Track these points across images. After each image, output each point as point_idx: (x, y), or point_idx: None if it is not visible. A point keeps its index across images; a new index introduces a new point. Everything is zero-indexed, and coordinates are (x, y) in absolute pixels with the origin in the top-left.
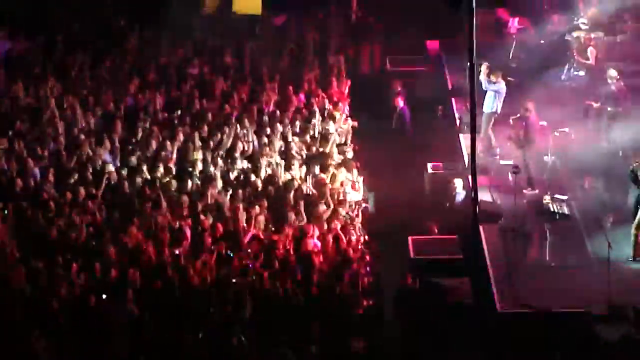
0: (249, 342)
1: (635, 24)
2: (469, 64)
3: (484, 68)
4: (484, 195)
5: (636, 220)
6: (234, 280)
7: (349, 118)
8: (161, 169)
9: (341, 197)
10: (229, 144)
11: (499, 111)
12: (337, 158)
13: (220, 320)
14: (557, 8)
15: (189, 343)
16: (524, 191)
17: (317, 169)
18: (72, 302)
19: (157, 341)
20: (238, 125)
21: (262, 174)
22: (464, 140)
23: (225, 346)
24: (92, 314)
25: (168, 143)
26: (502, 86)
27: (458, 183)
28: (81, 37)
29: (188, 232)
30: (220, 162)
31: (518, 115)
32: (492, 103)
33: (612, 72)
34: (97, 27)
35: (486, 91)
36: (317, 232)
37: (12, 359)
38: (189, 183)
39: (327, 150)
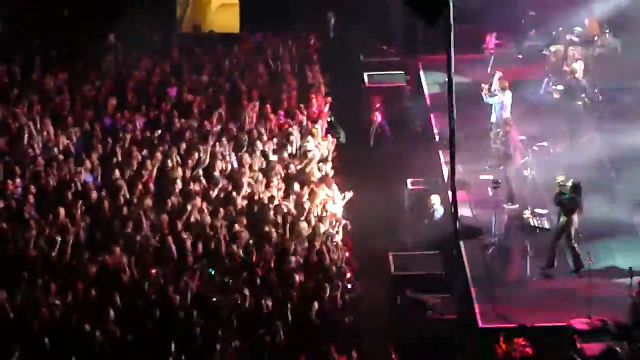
0: None
1: (613, 38)
2: (447, 79)
3: (495, 77)
4: (465, 211)
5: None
6: (214, 299)
7: (328, 134)
8: (140, 188)
9: (321, 214)
10: (207, 162)
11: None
12: (316, 175)
13: (203, 340)
14: (535, 23)
15: None
16: (504, 206)
17: (297, 186)
18: (53, 324)
19: None
20: (217, 144)
21: (242, 192)
22: (444, 155)
23: None
24: (73, 335)
25: (147, 162)
26: (505, 97)
27: (435, 199)
28: (59, 58)
29: (174, 251)
30: (199, 180)
31: (498, 130)
32: (498, 114)
33: (575, 66)
34: (75, 48)
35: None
36: (298, 249)
37: None
38: (169, 202)
39: (307, 168)
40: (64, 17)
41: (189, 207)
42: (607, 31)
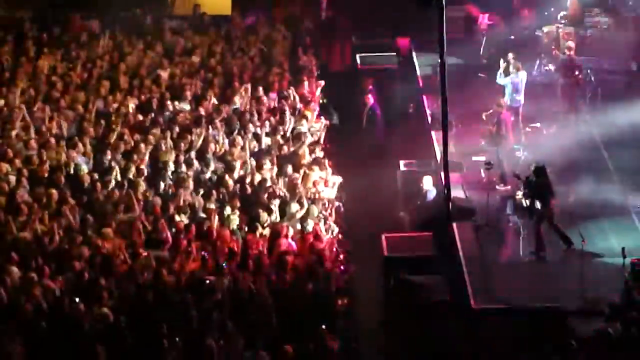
0: (226, 344)
1: (605, 18)
2: (439, 60)
3: (510, 58)
4: (457, 192)
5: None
6: (207, 281)
7: (321, 117)
8: (133, 171)
9: (314, 196)
10: (199, 145)
11: (521, 103)
12: (309, 157)
13: (197, 323)
14: (527, 3)
15: (165, 347)
16: (497, 187)
17: (289, 169)
18: (46, 307)
19: (133, 346)
20: (209, 126)
21: (235, 175)
22: (436, 137)
23: (202, 349)
24: (66, 318)
25: (140, 145)
26: (519, 77)
27: (427, 181)
28: (51, 41)
29: (169, 234)
30: (192, 163)
31: (490, 111)
32: (510, 96)
33: (570, 44)
34: (67, 31)
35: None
36: (290, 232)
37: None
38: (162, 185)
39: (300, 150)
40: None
41: (181, 190)
42: (598, 11)
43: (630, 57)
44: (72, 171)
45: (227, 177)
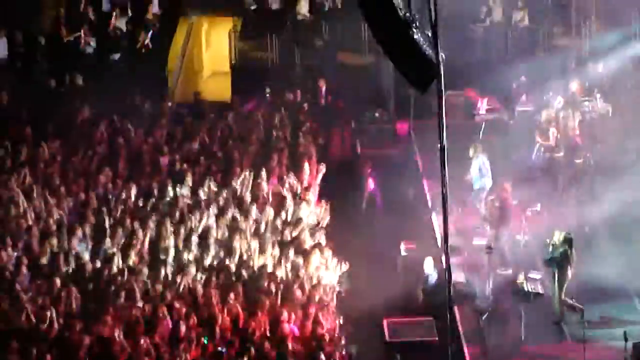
0: None
1: (604, 102)
2: (439, 145)
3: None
4: (458, 276)
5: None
6: None
7: (321, 201)
8: (133, 257)
9: (315, 281)
10: (200, 230)
11: (487, 187)
12: (310, 242)
13: None
14: (526, 88)
15: None
16: (498, 271)
17: (290, 253)
18: None
19: None
20: (210, 211)
21: (236, 260)
22: (437, 221)
23: None
24: None
25: (140, 231)
26: (480, 160)
27: (428, 264)
28: (50, 128)
29: (169, 321)
30: (193, 248)
31: (492, 197)
32: (478, 179)
33: (570, 124)
34: (66, 118)
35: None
36: (292, 317)
37: None
38: (162, 271)
39: (301, 235)
40: (54, 88)
41: (181, 276)
42: (598, 96)
43: (629, 138)
44: (72, 258)
45: (227, 262)
